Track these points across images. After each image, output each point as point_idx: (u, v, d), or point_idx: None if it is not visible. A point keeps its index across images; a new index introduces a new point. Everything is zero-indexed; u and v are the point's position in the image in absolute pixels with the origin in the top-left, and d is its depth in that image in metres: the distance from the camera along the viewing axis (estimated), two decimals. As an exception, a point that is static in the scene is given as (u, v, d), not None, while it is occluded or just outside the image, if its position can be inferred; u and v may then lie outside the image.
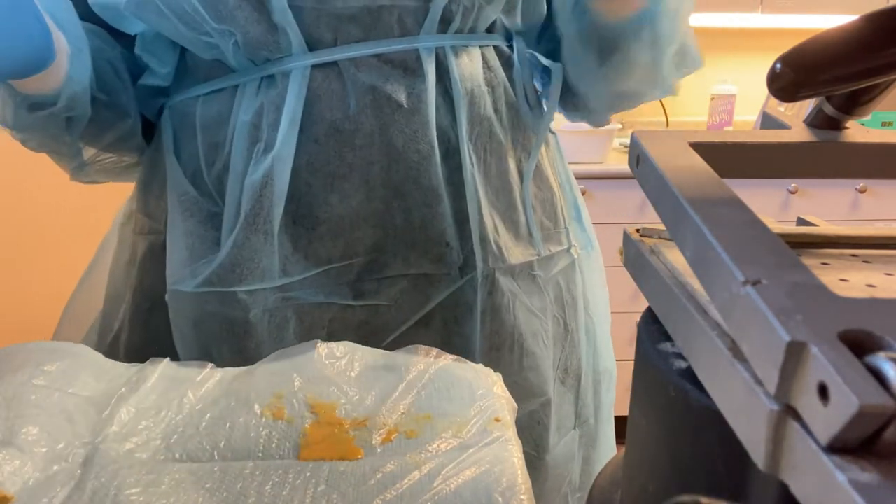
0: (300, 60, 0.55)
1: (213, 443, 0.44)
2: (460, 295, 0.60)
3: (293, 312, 0.58)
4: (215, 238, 0.58)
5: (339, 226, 0.57)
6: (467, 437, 0.45)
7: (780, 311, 0.19)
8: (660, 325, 0.30)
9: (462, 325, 0.61)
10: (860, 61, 0.30)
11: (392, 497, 0.39)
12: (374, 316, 0.59)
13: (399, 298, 0.59)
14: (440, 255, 0.59)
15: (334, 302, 0.58)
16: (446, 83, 0.58)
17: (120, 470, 0.41)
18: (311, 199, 0.57)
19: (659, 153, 0.31)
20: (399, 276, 0.59)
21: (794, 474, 0.18)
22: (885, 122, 2.00)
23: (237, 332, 0.57)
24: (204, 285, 0.57)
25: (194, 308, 0.58)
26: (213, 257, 0.57)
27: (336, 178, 0.57)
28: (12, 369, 0.49)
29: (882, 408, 0.16)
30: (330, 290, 0.58)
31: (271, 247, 0.56)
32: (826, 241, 0.35)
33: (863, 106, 0.34)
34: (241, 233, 0.56)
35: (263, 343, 0.58)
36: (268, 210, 0.56)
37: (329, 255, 0.58)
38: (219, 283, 0.57)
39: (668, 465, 0.28)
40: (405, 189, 0.57)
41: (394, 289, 0.59)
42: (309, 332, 0.58)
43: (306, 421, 0.46)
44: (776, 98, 0.31)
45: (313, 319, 0.58)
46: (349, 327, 0.59)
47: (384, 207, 0.58)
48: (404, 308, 0.60)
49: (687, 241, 0.26)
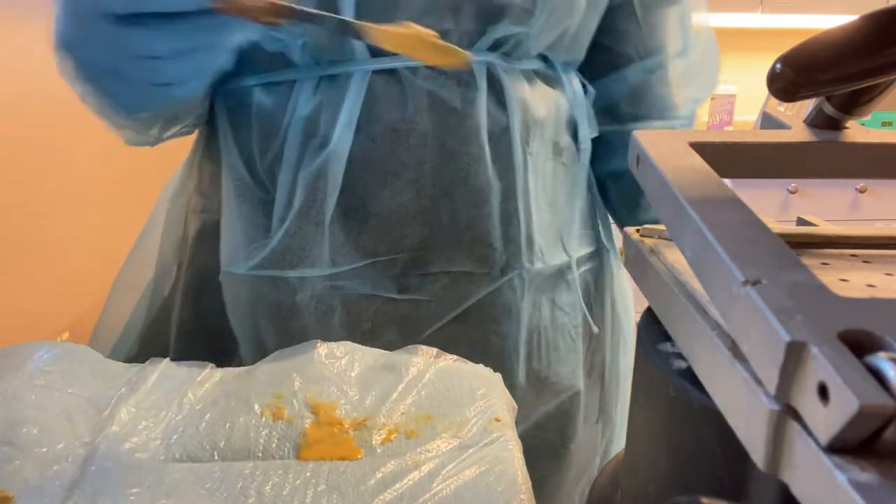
0: (362, 65, 0.57)
1: (213, 443, 0.44)
2: (499, 294, 0.62)
3: (340, 302, 0.60)
4: (266, 225, 0.60)
5: (388, 221, 0.59)
6: (467, 437, 0.45)
7: (780, 311, 0.19)
8: (660, 325, 0.30)
9: (499, 323, 0.63)
10: (860, 61, 0.30)
11: (392, 497, 0.39)
12: (416, 310, 0.61)
13: (440, 294, 0.61)
14: (483, 255, 0.61)
15: (379, 294, 0.60)
16: (498, 92, 0.60)
17: (120, 470, 0.41)
18: (364, 194, 0.59)
19: (659, 153, 0.31)
20: (442, 273, 0.61)
21: (794, 474, 0.18)
22: (885, 122, 2.00)
23: (284, 313, 0.60)
24: (256, 269, 0.60)
25: (246, 289, 0.61)
26: (266, 242, 0.59)
27: (389, 175, 0.59)
28: (12, 369, 0.49)
29: (882, 408, 0.16)
30: (375, 282, 0.60)
31: (322, 237, 0.59)
32: (826, 241, 0.35)
33: (863, 106, 0.34)
34: (293, 222, 0.58)
35: (309, 326, 0.60)
36: (321, 202, 0.58)
37: (376, 249, 0.60)
38: (270, 267, 0.59)
39: (668, 465, 0.28)
40: (454, 189, 0.60)
41: (436, 285, 0.61)
42: (355, 322, 0.60)
43: (306, 421, 0.46)
44: (776, 98, 0.31)
45: (359, 310, 0.60)
46: (392, 320, 0.61)
47: (432, 206, 0.60)
48: (444, 304, 0.62)
49: (687, 241, 0.26)
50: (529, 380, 0.65)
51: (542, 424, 0.67)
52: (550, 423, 0.67)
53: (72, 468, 0.41)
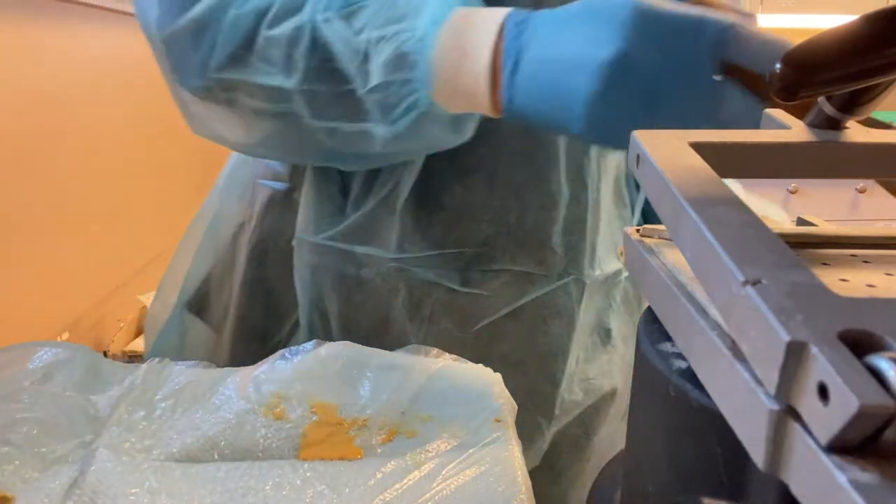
0: None
1: (213, 443, 0.44)
2: (553, 296, 0.64)
3: (404, 284, 0.62)
4: (341, 203, 0.63)
5: (458, 215, 0.61)
6: (467, 437, 0.45)
7: (780, 311, 0.19)
8: (660, 325, 0.30)
9: (549, 324, 0.64)
10: (860, 61, 0.30)
11: (392, 497, 0.39)
12: (473, 303, 0.63)
13: (498, 290, 0.63)
14: (544, 257, 0.63)
15: (443, 283, 0.63)
16: None
17: (120, 470, 0.41)
18: (439, 187, 0.61)
19: (659, 153, 0.31)
20: (503, 271, 0.63)
21: (794, 474, 0.18)
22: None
23: (349, 284, 0.63)
24: (327, 239, 0.63)
25: (315, 256, 0.63)
26: (340, 218, 0.62)
27: (464, 171, 0.60)
28: (12, 369, 0.49)
29: (882, 408, 0.16)
30: (440, 271, 0.62)
31: (392, 221, 0.61)
32: (826, 241, 0.35)
33: (863, 106, 0.34)
34: (370, 203, 0.61)
35: (370, 300, 0.62)
36: (398, 190, 0.60)
37: (444, 240, 0.62)
38: (341, 240, 0.62)
39: (668, 465, 0.28)
40: (525, 191, 0.61)
41: (496, 281, 0.63)
42: (416, 306, 0.63)
43: (306, 421, 0.46)
44: (776, 98, 0.31)
45: (421, 295, 0.63)
46: (449, 310, 0.63)
47: (501, 205, 0.61)
48: (500, 299, 0.63)
49: (687, 241, 0.26)
50: (575, 380, 0.67)
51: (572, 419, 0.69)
52: (578, 417, 0.69)
53: (72, 468, 0.41)
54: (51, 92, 1.10)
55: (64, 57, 1.15)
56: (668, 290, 0.28)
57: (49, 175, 1.10)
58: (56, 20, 1.13)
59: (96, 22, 1.26)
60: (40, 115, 1.07)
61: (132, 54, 1.49)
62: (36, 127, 1.06)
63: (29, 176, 1.04)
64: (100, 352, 0.95)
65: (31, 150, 1.05)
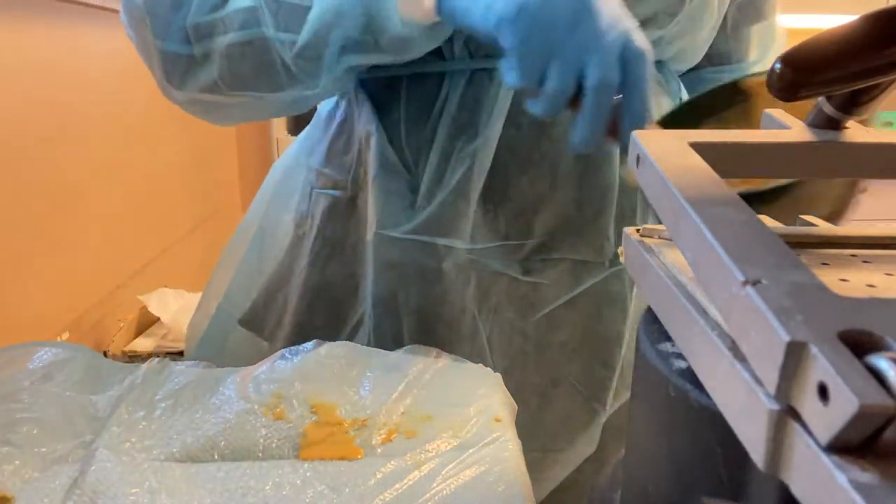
0: None
1: (213, 443, 0.44)
2: (607, 283, 0.66)
3: (475, 275, 0.65)
4: (411, 199, 0.65)
5: (522, 206, 0.64)
6: (467, 437, 0.45)
7: (780, 311, 0.19)
8: (660, 325, 0.30)
9: (603, 311, 0.67)
10: (860, 61, 0.30)
11: (392, 497, 0.39)
12: (534, 291, 0.66)
13: (557, 279, 0.66)
14: (601, 245, 0.65)
15: (507, 273, 0.65)
16: None
17: (120, 470, 0.41)
18: (506, 179, 0.63)
19: (659, 153, 0.31)
20: (562, 260, 0.65)
21: (794, 474, 0.18)
22: (885, 123, 2.00)
23: (429, 278, 0.64)
24: (410, 232, 0.64)
25: (397, 251, 0.65)
26: (413, 212, 0.64)
27: (530, 164, 0.63)
28: (13, 369, 0.49)
29: (882, 408, 0.16)
30: (504, 261, 0.65)
31: (467, 213, 0.63)
32: (826, 241, 0.35)
33: (863, 106, 0.34)
34: (444, 195, 0.63)
35: (448, 292, 0.64)
36: (472, 182, 0.62)
37: (508, 231, 0.64)
38: (423, 232, 0.64)
39: (668, 466, 0.28)
40: (584, 182, 0.64)
41: (556, 270, 0.66)
42: (484, 297, 0.65)
43: (306, 421, 0.46)
44: (776, 98, 0.31)
45: (488, 285, 0.65)
46: (513, 298, 0.66)
47: (563, 196, 0.64)
48: (559, 288, 0.66)
49: (687, 241, 0.26)
50: (627, 366, 0.68)
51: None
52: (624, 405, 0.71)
53: (72, 468, 0.41)
54: (51, 92, 1.10)
55: (64, 57, 1.15)
56: (668, 290, 0.28)
57: (49, 175, 1.10)
58: (56, 20, 1.13)
59: (96, 22, 1.26)
60: (40, 115, 1.07)
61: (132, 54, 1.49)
62: (36, 127, 1.06)
63: (29, 176, 1.04)
64: (100, 352, 0.95)
65: (30, 151, 1.05)
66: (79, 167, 1.19)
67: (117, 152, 1.33)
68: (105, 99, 1.29)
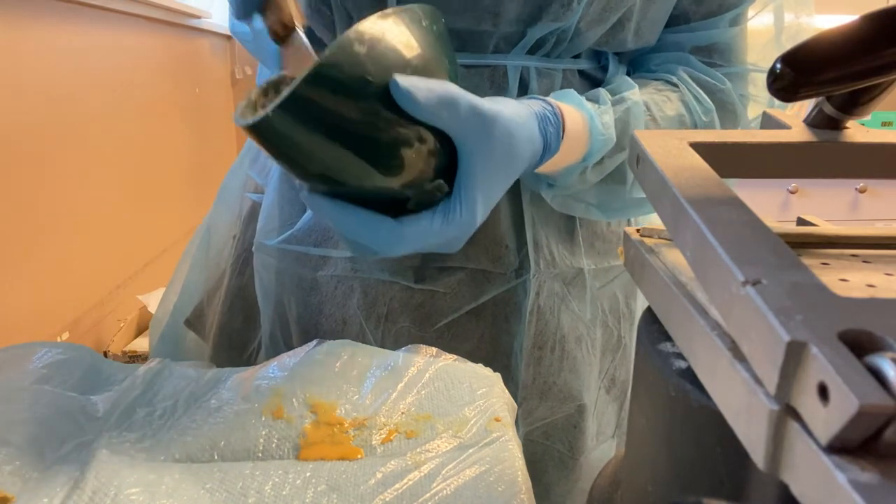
0: None
1: (213, 443, 0.44)
2: (512, 294, 0.64)
3: (359, 284, 0.63)
4: (304, 206, 0.65)
5: None
6: (467, 437, 0.45)
7: (780, 311, 0.19)
8: (660, 325, 0.30)
9: (510, 322, 0.65)
10: (860, 61, 0.30)
11: (392, 497, 0.39)
12: (431, 300, 0.64)
13: (456, 288, 0.64)
14: (498, 255, 0.63)
15: (397, 282, 0.63)
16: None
17: (120, 470, 0.40)
18: None
19: (659, 153, 0.31)
20: (458, 268, 0.63)
21: (794, 474, 0.18)
22: (885, 122, 2.00)
23: (305, 286, 0.64)
24: (284, 242, 0.65)
25: (273, 260, 0.66)
26: (298, 221, 0.64)
27: None
28: (12, 369, 0.49)
29: (882, 408, 0.16)
30: (394, 270, 0.63)
31: None
32: (826, 241, 0.35)
33: (863, 106, 0.34)
34: None
35: (326, 302, 0.64)
36: None
37: None
38: (297, 243, 0.64)
39: (668, 465, 0.28)
40: None
41: (452, 278, 0.63)
42: (371, 305, 0.63)
43: (306, 421, 0.46)
44: (776, 98, 0.31)
45: (376, 294, 0.63)
46: (407, 307, 0.64)
47: None
48: (459, 297, 0.64)
49: (687, 241, 0.26)
50: (536, 383, 0.65)
51: (551, 434, 0.67)
52: (558, 433, 0.68)
53: (72, 468, 0.41)
54: (51, 92, 1.10)
55: (64, 57, 1.15)
56: (668, 290, 0.28)
57: (49, 175, 1.10)
58: (56, 20, 1.13)
59: (96, 22, 1.26)
60: (40, 115, 1.07)
61: (133, 54, 1.50)
62: (36, 127, 1.06)
63: (29, 176, 1.04)
64: (100, 352, 0.95)
65: (31, 151, 1.05)
66: (79, 167, 1.19)
67: (117, 152, 1.33)
68: (106, 99, 1.29)
